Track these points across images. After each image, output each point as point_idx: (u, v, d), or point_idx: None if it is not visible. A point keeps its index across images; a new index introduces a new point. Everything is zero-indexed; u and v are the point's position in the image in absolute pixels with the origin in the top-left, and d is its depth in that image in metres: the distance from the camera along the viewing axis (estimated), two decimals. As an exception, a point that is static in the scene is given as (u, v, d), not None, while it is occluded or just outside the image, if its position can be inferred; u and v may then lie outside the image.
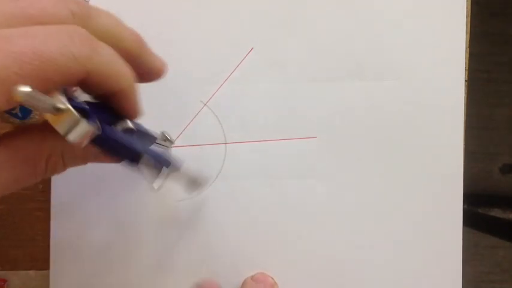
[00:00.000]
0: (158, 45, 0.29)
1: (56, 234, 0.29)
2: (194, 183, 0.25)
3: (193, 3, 0.29)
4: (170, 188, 0.29)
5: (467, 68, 0.29)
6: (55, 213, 0.29)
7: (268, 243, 0.29)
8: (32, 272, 0.29)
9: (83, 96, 0.19)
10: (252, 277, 0.29)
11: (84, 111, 0.18)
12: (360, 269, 0.29)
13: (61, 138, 0.18)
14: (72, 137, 0.17)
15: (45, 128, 0.19)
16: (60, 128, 0.17)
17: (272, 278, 0.29)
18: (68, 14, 0.18)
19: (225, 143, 0.29)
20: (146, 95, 0.29)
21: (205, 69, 0.29)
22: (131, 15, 0.29)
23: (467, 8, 0.29)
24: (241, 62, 0.29)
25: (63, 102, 0.17)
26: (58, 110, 0.16)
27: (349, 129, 0.29)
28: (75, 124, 0.17)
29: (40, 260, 0.29)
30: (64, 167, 0.21)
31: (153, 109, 0.29)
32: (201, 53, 0.29)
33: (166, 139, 0.26)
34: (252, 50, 0.29)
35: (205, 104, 0.29)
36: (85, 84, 0.18)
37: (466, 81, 0.29)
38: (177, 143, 0.29)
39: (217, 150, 0.29)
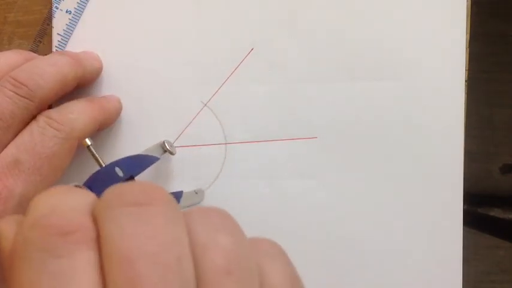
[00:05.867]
0: (158, 45, 0.29)
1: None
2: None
3: (194, 2, 0.29)
4: (171, 189, 0.29)
5: (467, 68, 0.29)
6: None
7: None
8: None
9: None
10: None
11: None
12: (359, 268, 0.29)
13: None
14: None
15: None
16: None
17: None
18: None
19: (225, 143, 0.29)
20: (146, 95, 0.29)
21: (205, 69, 0.29)
22: (131, 15, 0.29)
23: (467, 8, 0.29)
24: (241, 62, 0.29)
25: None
26: None
27: (349, 129, 0.29)
28: None
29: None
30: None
31: (153, 109, 0.29)
32: (201, 53, 0.29)
33: (165, 150, 0.27)
34: (252, 50, 0.29)
35: (205, 104, 0.29)
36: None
37: (466, 81, 0.29)
38: (177, 143, 0.29)
39: (217, 151, 0.29)
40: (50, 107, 0.26)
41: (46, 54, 0.29)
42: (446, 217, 0.29)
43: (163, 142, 0.27)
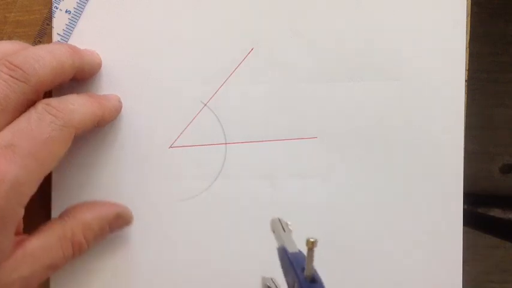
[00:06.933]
0: (158, 45, 0.29)
1: (56, 234, 0.29)
2: None
3: (194, 2, 0.29)
4: (171, 189, 0.29)
5: (467, 68, 0.29)
6: (55, 213, 0.29)
7: (269, 243, 0.29)
8: (32, 272, 0.29)
9: None
10: None
11: None
12: (359, 268, 0.29)
13: (78, 221, 0.26)
14: None
15: (64, 216, 0.26)
16: None
17: None
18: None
19: (225, 143, 0.29)
20: (146, 95, 0.29)
21: (205, 69, 0.29)
22: (131, 15, 0.29)
23: (467, 8, 0.29)
24: (241, 62, 0.29)
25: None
26: None
27: (349, 129, 0.29)
28: None
29: (40, 260, 0.29)
30: (87, 245, 0.26)
31: (153, 109, 0.29)
32: (201, 53, 0.29)
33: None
34: (252, 50, 0.29)
35: (205, 104, 0.29)
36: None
37: (466, 81, 0.29)
38: (177, 143, 0.29)
39: (217, 151, 0.29)
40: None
41: (46, 54, 0.29)
42: (446, 217, 0.29)
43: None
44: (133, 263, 0.29)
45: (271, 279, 0.25)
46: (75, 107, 0.24)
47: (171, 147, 0.29)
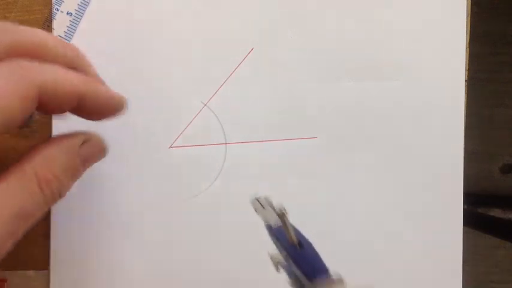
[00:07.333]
0: (159, 45, 0.29)
1: (56, 234, 0.29)
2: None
3: (194, 3, 0.29)
4: (171, 189, 0.29)
5: (467, 68, 0.29)
6: (55, 213, 0.29)
7: (269, 243, 0.29)
8: (31, 272, 0.29)
9: None
10: None
11: None
12: (359, 268, 0.29)
13: (39, 156, 0.21)
14: None
15: (23, 157, 0.21)
16: None
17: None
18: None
19: (225, 143, 0.29)
20: (147, 95, 0.29)
21: (205, 69, 0.29)
22: (132, 17, 0.29)
23: (467, 8, 0.29)
24: (241, 62, 0.29)
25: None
26: None
27: (349, 129, 0.29)
28: None
29: (40, 260, 0.29)
30: (58, 181, 0.22)
31: (153, 109, 0.29)
32: (201, 53, 0.29)
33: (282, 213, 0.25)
34: (252, 50, 0.29)
35: (205, 104, 0.29)
36: (44, 104, 0.20)
37: (466, 81, 0.29)
38: (177, 143, 0.29)
39: (217, 151, 0.29)
40: None
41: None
42: (446, 217, 0.29)
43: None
44: (132, 262, 0.29)
45: (277, 253, 0.25)
46: (44, 68, 0.21)
47: (171, 147, 0.29)
